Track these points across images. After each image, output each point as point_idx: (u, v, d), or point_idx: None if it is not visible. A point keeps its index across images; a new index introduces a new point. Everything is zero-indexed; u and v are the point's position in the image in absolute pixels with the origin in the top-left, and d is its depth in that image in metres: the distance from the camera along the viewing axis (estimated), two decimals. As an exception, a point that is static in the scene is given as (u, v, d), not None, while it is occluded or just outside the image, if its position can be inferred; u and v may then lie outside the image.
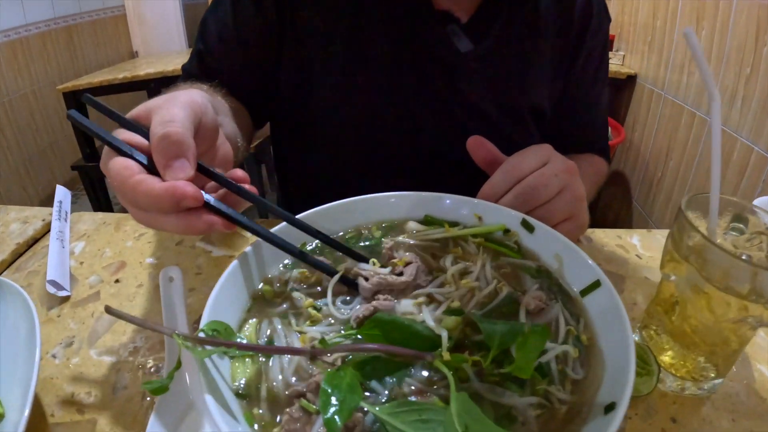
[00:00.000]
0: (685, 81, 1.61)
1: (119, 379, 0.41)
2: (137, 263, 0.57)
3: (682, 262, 0.37)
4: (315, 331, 0.29)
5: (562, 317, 0.31)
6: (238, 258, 0.34)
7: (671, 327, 0.40)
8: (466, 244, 0.37)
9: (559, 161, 0.48)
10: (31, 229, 0.68)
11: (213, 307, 0.28)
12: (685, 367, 0.40)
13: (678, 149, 1.64)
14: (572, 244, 0.34)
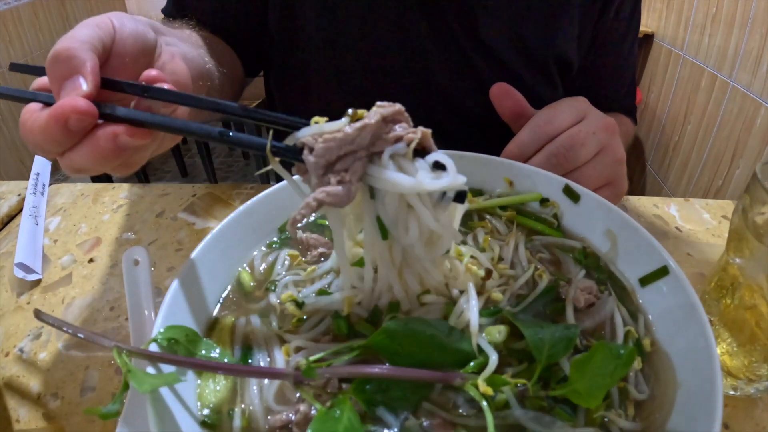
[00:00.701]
0: (706, 41, 1.50)
1: (88, 379, 0.35)
2: (113, 239, 0.50)
3: (754, 242, 0.29)
4: (300, 340, 0.22)
5: (618, 315, 0.24)
6: (213, 233, 0.26)
7: (728, 316, 0.33)
8: (493, 218, 0.30)
9: (597, 117, 0.41)
10: (5, 205, 0.61)
11: (173, 302, 0.21)
12: (741, 363, 0.33)
13: (697, 113, 1.54)
14: (630, 218, 0.27)
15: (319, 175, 0.24)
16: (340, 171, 0.24)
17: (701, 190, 1.51)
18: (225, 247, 0.26)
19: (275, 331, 0.23)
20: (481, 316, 0.22)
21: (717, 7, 1.44)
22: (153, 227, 0.50)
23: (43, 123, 0.26)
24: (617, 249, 0.27)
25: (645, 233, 0.26)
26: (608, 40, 0.64)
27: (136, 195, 0.58)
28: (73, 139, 0.27)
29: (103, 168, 0.28)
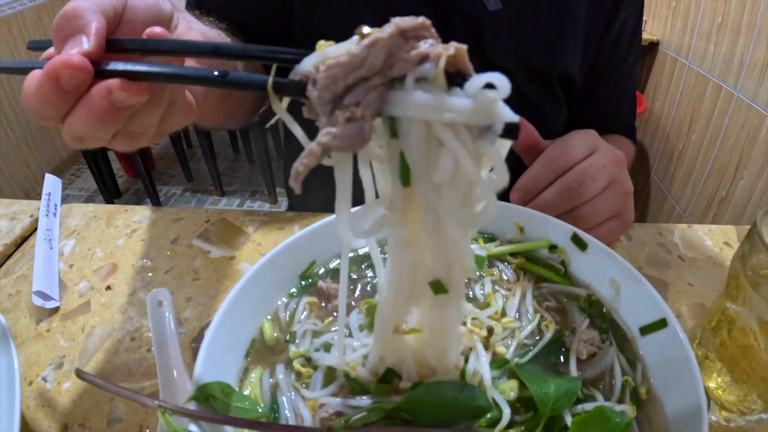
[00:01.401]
0: (711, 50, 1.50)
1: (114, 410, 0.37)
2: (129, 266, 0.52)
3: (749, 290, 0.31)
4: (324, 395, 0.24)
5: (618, 365, 0.25)
6: (239, 286, 0.28)
7: (724, 353, 0.35)
8: (504, 265, 0.32)
9: (606, 150, 0.43)
10: (18, 226, 0.63)
11: (207, 358, 0.23)
12: (734, 397, 0.35)
13: (702, 122, 1.55)
14: (633, 269, 0.29)
15: (326, 112, 0.20)
16: (350, 105, 0.20)
17: (705, 199, 1.52)
18: (250, 299, 0.28)
19: (294, 384, 0.25)
20: (491, 369, 0.24)
21: (723, 16, 1.44)
22: (168, 255, 0.52)
23: (37, 83, 0.24)
24: (620, 297, 0.29)
25: (646, 284, 0.28)
26: (610, 60, 0.66)
27: (149, 219, 0.59)
28: (68, 99, 0.25)
29: (102, 133, 0.27)
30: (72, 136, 0.27)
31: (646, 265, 0.48)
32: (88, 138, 0.27)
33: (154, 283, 0.49)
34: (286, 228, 0.54)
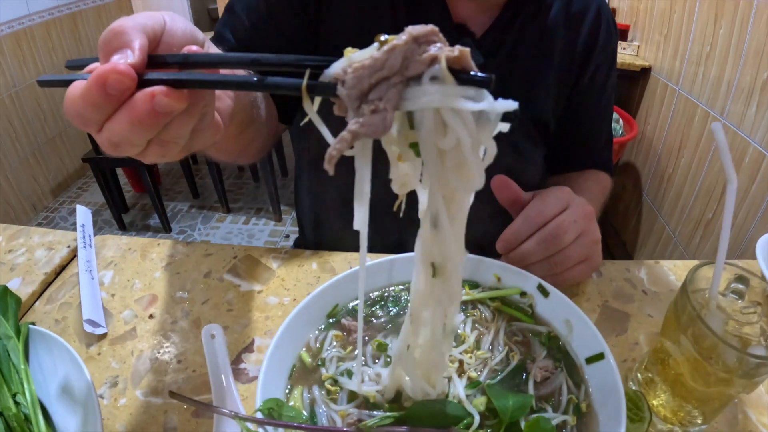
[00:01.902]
0: (700, 78, 1.60)
1: (168, 421, 0.46)
2: (168, 297, 0.61)
3: (677, 333, 0.40)
4: (351, 409, 0.33)
5: (565, 386, 0.35)
6: (283, 326, 0.38)
7: (664, 375, 0.44)
8: (483, 306, 0.41)
9: (578, 206, 0.52)
10: (57, 256, 0.71)
11: (264, 384, 0.32)
12: (675, 413, 0.44)
13: (690, 146, 1.65)
14: (582, 313, 0.38)
15: (354, 108, 0.24)
16: (375, 100, 0.24)
17: (693, 221, 1.61)
18: (291, 335, 0.37)
19: (325, 399, 0.34)
20: (466, 388, 0.33)
21: (711, 45, 1.54)
22: (203, 287, 0.61)
23: (84, 88, 0.27)
24: (572, 335, 0.39)
25: (592, 325, 0.37)
26: (584, 105, 0.74)
27: (181, 254, 0.68)
28: (112, 104, 0.28)
29: (139, 138, 0.29)
30: (110, 141, 0.30)
31: (612, 299, 0.57)
32: (124, 144, 0.30)
33: (192, 312, 0.58)
34: (305, 265, 0.63)
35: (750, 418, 0.46)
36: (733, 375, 0.35)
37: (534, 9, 0.66)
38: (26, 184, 2.91)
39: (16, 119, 2.88)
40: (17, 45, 2.87)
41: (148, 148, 0.31)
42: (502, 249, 0.51)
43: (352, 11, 0.63)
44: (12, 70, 2.85)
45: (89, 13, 3.52)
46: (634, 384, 0.46)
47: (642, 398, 0.43)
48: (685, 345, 0.39)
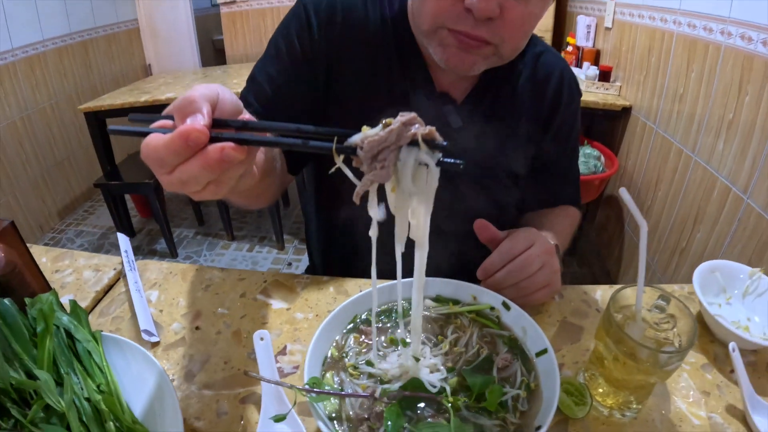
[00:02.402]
0: (674, 117, 1.78)
1: (220, 407, 0.60)
2: (211, 313, 0.75)
3: (606, 337, 0.55)
4: (368, 383, 0.48)
5: (519, 371, 0.50)
6: (319, 331, 0.53)
7: (602, 373, 0.59)
8: (463, 317, 0.57)
9: (541, 244, 0.68)
10: (105, 277, 0.85)
11: (309, 368, 0.47)
12: (611, 400, 0.58)
13: (666, 180, 1.82)
14: (534, 322, 0.54)
15: (368, 163, 0.38)
16: (382, 160, 0.37)
17: (669, 249, 1.77)
18: (323, 337, 0.52)
19: (350, 379, 0.49)
20: (447, 372, 0.49)
21: (684, 87, 1.72)
22: (240, 305, 0.76)
23: (169, 139, 0.37)
24: (527, 337, 0.54)
25: (540, 330, 0.52)
26: (552, 150, 0.87)
27: (218, 278, 0.83)
28: (189, 152, 0.37)
29: (205, 178, 0.39)
30: (179, 180, 0.39)
31: (570, 315, 0.73)
32: (191, 182, 0.39)
33: (233, 325, 0.72)
34: (323, 288, 0.78)
35: (680, 407, 0.60)
36: (649, 367, 0.50)
37: (506, 78, 0.79)
38: (34, 205, 3.07)
39: (27, 142, 3.03)
40: (30, 69, 3.05)
41: (206, 187, 0.40)
42: (481, 276, 0.68)
43: (355, 82, 0.77)
44: (25, 93, 3.01)
45: (100, 42, 3.70)
46: (582, 379, 0.61)
47: (585, 388, 0.58)
48: (611, 347, 0.54)
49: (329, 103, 0.79)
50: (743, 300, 0.76)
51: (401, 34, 0.77)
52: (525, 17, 0.64)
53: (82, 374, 0.58)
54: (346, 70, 0.77)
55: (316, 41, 0.75)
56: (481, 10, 0.59)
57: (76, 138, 3.46)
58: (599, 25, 2.43)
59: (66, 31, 3.34)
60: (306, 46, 0.76)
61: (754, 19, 1.36)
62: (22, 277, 0.72)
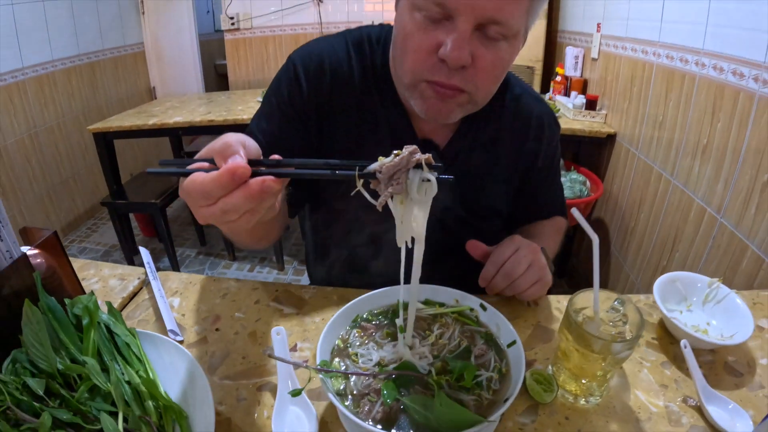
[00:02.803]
0: (654, 143, 1.91)
1: (240, 394, 0.71)
2: (229, 317, 0.86)
3: (566, 333, 0.67)
4: (368, 367, 0.60)
5: (493, 359, 0.62)
6: (328, 326, 0.64)
7: (566, 364, 0.70)
8: (447, 317, 0.69)
9: (525, 245, 0.80)
10: (130, 285, 0.96)
11: (320, 353, 0.59)
12: (574, 386, 0.69)
13: (648, 203, 1.94)
14: (506, 320, 0.65)
15: (386, 183, 0.49)
16: (397, 179, 0.49)
17: (651, 268, 1.89)
18: (331, 331, 0.64)
19: (354, 365, 0.61)
20: (433, 359, 0.60)
21: (663, 116, 1.84)
22: (255, 310, 0.87)
23: (217, 174, 0.45)
24: (500, 332, 0.65)
25: (510, 327, 0.64)
26: (536, 180, 0.96)
27: (234, 287, 0.94)
28: (234, 185, 0.45)
29: (245, 207, 0.46)
30: (222, 210, 0.46)
31: (543, 320, 0.84)
32: (231, 211, 0.47)
33: (249, 327, 0.83)
34: (328, 296, 0.90)
35: (639, 397, 0.68)
36: (603, 356, 0.62)
37: (486, 122, 0.86)
38: (39, 221, 3.18)
39: (34, 158, 3.15)
40: (40, 88, 3.19)
41: (242, 216, 0.48)
42: (482, 284, 0.81)
43: (344, 132, 0.85)
44: (33, 111, 3.15)
45: (106, 64, 3.85)
46: (551, 371, 0.72)
47: (552, 378, 0.69)
48: (571, 340, 0.66)
49: (321, 151, 0.86)
50: (703, 307, 0.87)
51: (383, 87, 0.83)
52: (495, 63, 0.70)
53: (122, 362, 0.68)
54: (335, 121, 0.85)
55: (306, 96, 0.82)
56: (455, 59, 0.65)
57: (81, 157, 3.58)
58: (586, 55, 2.59)
59: (75, 52, 3.50)
60: (296, 101, 0.83)
61: (724, 50, 1.47)
62: (60, 282, 0.83)
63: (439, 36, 0.67)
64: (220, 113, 2.72)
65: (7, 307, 0.68)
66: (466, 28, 0.64)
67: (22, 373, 0.62)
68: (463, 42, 0.65)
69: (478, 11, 0.63)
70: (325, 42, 0.86)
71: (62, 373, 0.63)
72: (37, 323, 0.65)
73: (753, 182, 1.37)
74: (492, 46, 0.68)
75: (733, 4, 1.43)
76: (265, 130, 0.84)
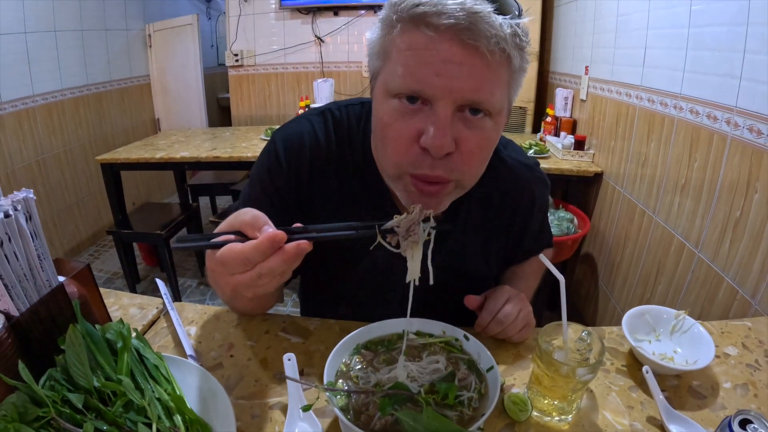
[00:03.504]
0: (638, 182, 2.04)
1: (253, 412, 0.82)
2: (243, 345, 0.97)
3: (538, 360, 0.79)
4: (367, 387, 0.72)
5: (474, 382, 0.73)
6: (333, 352, 0.76)
7: (538, 387, 0.81)
8: (435, 346, 0.81)
9: (515, 296, 0.92)
10: (150, 314, 1.06)
11: (327, 375, 0.70)
12: (546, 406, 0.80)
13: (632, 238, 2.07)
14: (486, 349, 0.77)
15: (403, 236, 0.60)
16: (412, 231, 0.60)
17: (636, 300, 2.00)
18: (336, 357, 0.75)
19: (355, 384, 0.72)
20: (423, 381, 0.72)
21: (645, 156, 1.97)
22: (266, 339, 0.98)
23: (257, 242, 0.51)
24: (480, 359, 0.78)
25: (489, 354, 0.76)
26: (528, 238, 1.02)
27: (245, 318, 1.05)
28: (272, 251, 0.51)
29: (281, 269, 0.52)
30: (258, 273, 0.52)
31: (523, 350, 0.95)
32: (267, 275, 0.53)
33: (260, 354, 0.94)
34: (331, 328, 1.00)
35: (607, 417, 0.77)
36: (569, 379, 0.74)
37: (474, 195, 0.86)
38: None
39: (41, 185, 3.28)
40: (48, 116, 3.34)
41: (274, 279, 0.54)
42: (477, 329, 0.92)
43: (326, 212, 0.88)
44: (42, 138, 3.29)
45: (113, 94, 4.01)
46: (526, 393, 0.84)
47: (527, 398, 0.81)
48: (541, 366, 0.78)
49: (305, 217, 0.83)
50: (671, 337, 0.97)
51: (365, 170, 0.85)
52: (482, 144, 0.68)
53: (152, 382, 0.80)
54: (315, 203, 0.87)
55: (285, 175, 0.86)
56: (437, 147, 0.63)
57: (86, 184, 3.71)
58: (576, 97, 2.75)
59: (83, 82, 3.67)
60: (276, 179, 0.86)
61: (700, 95, 1.60)
62: (90, 309, 0.94)
63: (419, 123, 0.65)
64: (225, 149, 2.86)
65: (44, 331, 0.79)
66: (446, 113, 0.63)
67: (59, 390, 0.71)
68: (445, 128, 0.63)
69: (456, 95, 0.62)
70: (306, 122, 0.88)
71: (98, 390, 0.73)
72: (78, 345, 0.75)
73: (727, 218, 1.49)
74: (476, 126, 0.66)
75: (708, 52, 1.56)
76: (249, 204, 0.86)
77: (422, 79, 0.63)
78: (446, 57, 0.61)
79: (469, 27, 0.59)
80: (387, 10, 0.66)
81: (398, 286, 0.81)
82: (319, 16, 3.88)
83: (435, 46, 0.61)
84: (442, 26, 0.60)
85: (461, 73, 0.61)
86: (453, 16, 0.59)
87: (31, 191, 0.81)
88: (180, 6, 4.80)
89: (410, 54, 0.63)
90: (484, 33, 0.59)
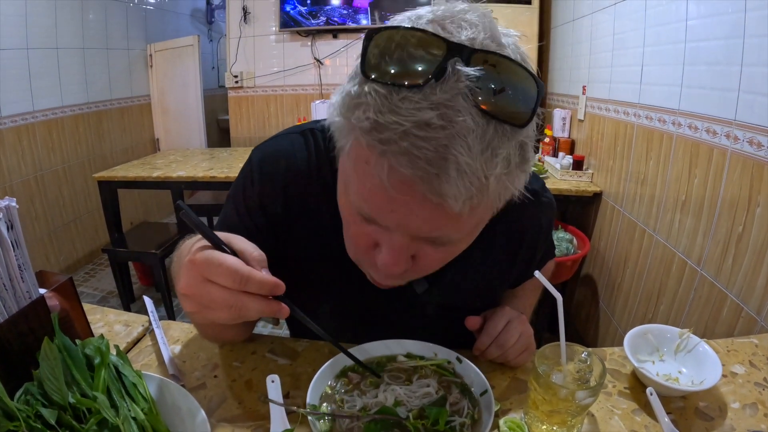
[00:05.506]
0: (637, 201, 2.02)
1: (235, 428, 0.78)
2: (228, 365, 0.93)
3: (535, 383, 0.75)
4: (352, 411, 0.68)
5: (466, 406, 0.69)
6: (317, 374, 0.72)
7: (536, 412, 0.77)
8: (426, 368, 0.77)
9: (515, 318, 0.88)
10: (134, 331, 1.03)
11: (310, 398, 0.67)
12: (544, 427, 0.76)
13: (633, 258, 2.03)
14: (479, 371, 0.74)
15: None
16: None
17: (638, 320, 1.96)
18: (321, 380, 0.71)
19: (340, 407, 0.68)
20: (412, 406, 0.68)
21: (644, 174, 1.95)
22: (252, 360, 0.94)
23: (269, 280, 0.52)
24: (472, 382, 0.74)
25: (483, 378, 0.72)
26: (528, 272, 0.96)
27: None
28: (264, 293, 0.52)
29: (252, 313, 0.53)
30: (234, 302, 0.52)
31: (519, 373, 0.91)
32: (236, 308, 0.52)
33: (245, 375, 0.90)
34: (320, 349, 0.96)
35: None
36: (568, 402, 0.70)
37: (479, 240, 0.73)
38: (38, 262, 3.24)
39: (38, 201, 3.27)
40: (48, 132, 3.33)
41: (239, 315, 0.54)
42: (476, 353, 0.88)
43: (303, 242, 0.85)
44: (41, 154, 3.28)
45: (113, 113, 4.02)
46: (523, 418, 0.80)
47: (524, 424, 0.77)
48: (539, 390, 0.74)
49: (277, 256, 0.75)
50: (675, 356, 0.93)
51: None
52: (446, 258, 0.64)
53: (129, 401, 0.75)
54: (293, 223, 0.83)
55: (257, 198, 0.82)
56: (388, 272, 0.58)
57: (84, 202, 3.69)
58: (573, 117, 2.75)
59: (84, 100, 3.68)
60: (249, 200, 0.83)
61: (698, 110, 1.58)
62: (71, 324, 0.91)
63: (375, 235, 0.58)
64: (222, 170, 2.85)
65: (22, 343, 0.76)
66: (402, 240, 0.55)
67: (33, 404, 0.68)
68: (399, 254, 0.56)
69: (413, 231, 0.54)
70: (286, 142, 0.83)
71: (73, 406, 0.70)
72: (54, 359, 0.71)
73: (729, 234, 1.46)
74: (442, 244, 0.58)
75: (704, 67, 1.55)
76: (226, 227, 0.85)
77: (376, 208, 0.54)
78: (402, 199, 0.50)
79: (431, 181, 0.46)
80: (340, 107, 0.56)
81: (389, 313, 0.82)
82: (319, 39, 3.92)
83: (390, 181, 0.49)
84: (396, 174, 0.48)
85: (419, 217, 0.51)
86: (412, 161, 0.45)
87: (14, 200, 0.78)
88: (181, 27, 4.86)
89: (365, 172, 0.52)
90: (452, 192, 0.46)
